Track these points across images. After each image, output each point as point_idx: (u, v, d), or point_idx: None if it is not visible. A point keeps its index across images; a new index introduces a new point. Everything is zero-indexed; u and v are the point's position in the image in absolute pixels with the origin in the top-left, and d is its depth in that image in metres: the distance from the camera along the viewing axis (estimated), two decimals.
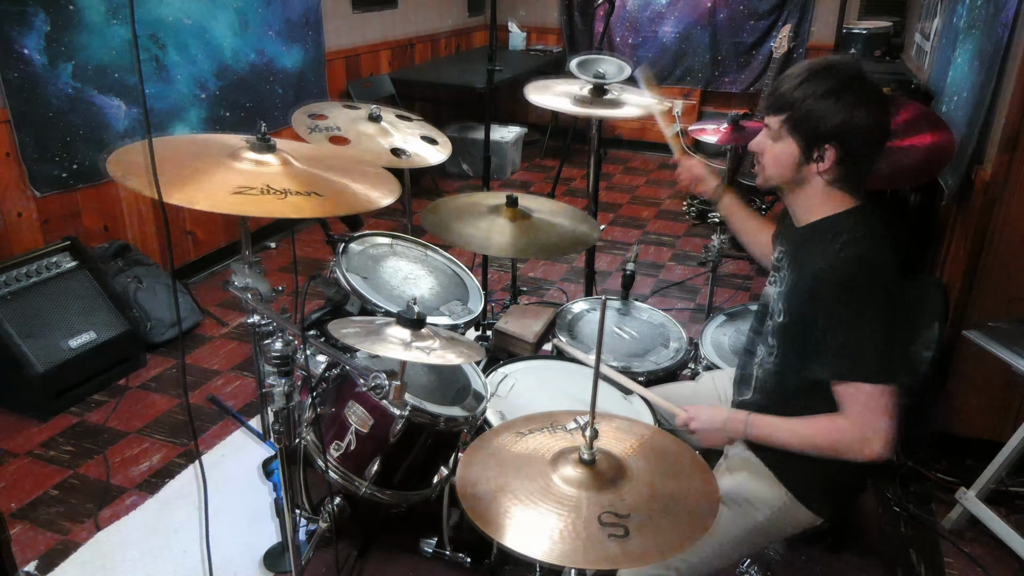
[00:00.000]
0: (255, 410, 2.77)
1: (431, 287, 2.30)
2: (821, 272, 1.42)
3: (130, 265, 3.25)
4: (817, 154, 1.45)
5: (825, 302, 1.41)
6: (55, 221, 3.13)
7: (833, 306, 1.40)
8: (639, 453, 1.28)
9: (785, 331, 1.51)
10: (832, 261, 1.41)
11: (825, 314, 1.41)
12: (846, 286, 1.39)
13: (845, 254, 1.41)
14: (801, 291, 1.46)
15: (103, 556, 2.15)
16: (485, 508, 1.14)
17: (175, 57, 3.53)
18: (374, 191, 1.67)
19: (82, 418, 2.77)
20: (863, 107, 1.41)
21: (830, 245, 1.44)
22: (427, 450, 1.82)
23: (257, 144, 1.63)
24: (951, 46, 3.18)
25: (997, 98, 2.41)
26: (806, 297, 1.45)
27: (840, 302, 1.39)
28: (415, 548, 1.97)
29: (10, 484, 2.43)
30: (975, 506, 2.24)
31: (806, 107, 1.42)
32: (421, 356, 1.53)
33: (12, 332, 2.68)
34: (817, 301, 1.42)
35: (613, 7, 3.35)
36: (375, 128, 2.48)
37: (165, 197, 1.34)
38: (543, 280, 4.04)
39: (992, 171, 2.35)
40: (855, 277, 1.39)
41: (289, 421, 1.61)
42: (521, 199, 2.24)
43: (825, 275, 1.41)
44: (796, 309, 1.48)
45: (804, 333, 1.47)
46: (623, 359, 2.21)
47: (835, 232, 1.46)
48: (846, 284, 1.39)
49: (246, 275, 1.68)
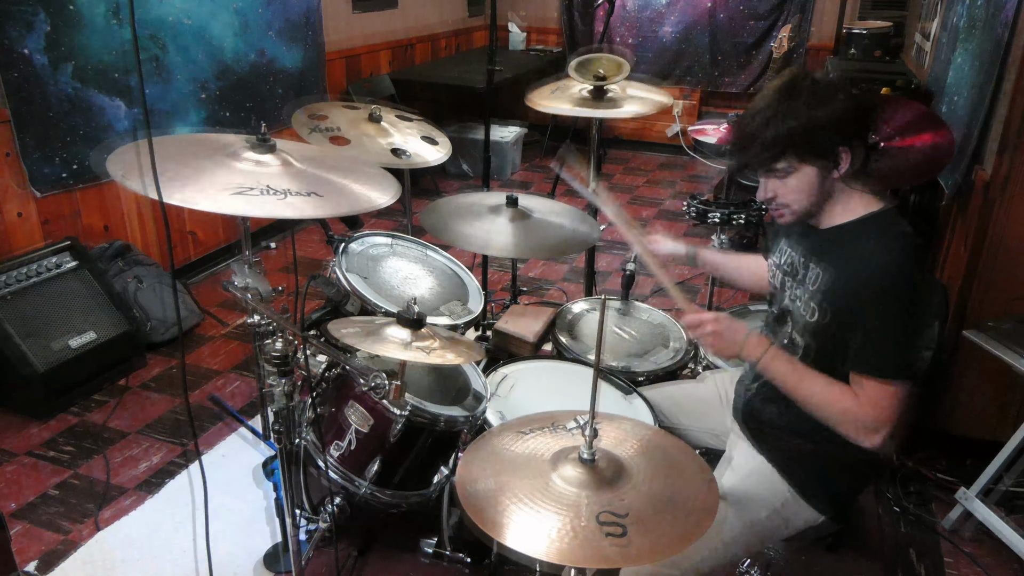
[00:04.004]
0: (255, 410, 2.77)
1: (431, 287, 2.31)
2: (866, 273, 1.44)
3: (130, 265, 3.25)
4: (833, 161, 1.46)
5: (864, 301, 1.43)
6: (55, 221, 3.13)
7: (871, 305, 1.43)
8: (639, 453, 1.28)
9: (823, 330, 1.52)
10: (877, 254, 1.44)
11: (861, 311, 1.44)
12: (888, 289, 1.42)
13: (892, 247, 1.44)
14: (841, 289, 1.47)
15: (103, 556, 2.15)
16: (484, 508, 1.14)
17: (175, 57, 3.53)
18: (374, 191, 1.67)
19: (82, 418, 2.77)
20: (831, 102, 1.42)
21: (871, 241, 1.47)
22: (427, 450, 1.83)
23: (257, 144, 1.63)
24: (951, 46, 3.18)
25: (997, 98, 2.41)
26: (847, 294, 1.46)
27: (879, 303, 1.42)
28: (415, 548, 1.97)
29: (10, 484, 2.43)
30: (975, 506, 2.24)
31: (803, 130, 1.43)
32: (421, 356, 1.53)
33: (12, 332, 2.68)
34: (857, 299, 1.44)
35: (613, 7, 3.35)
36: (375, 128, 2.48)
37: (165, 197, 1.34)
38: (543, 280, 4.04)
39: (992, 171, 2.35)
40: (896, 281, 1.42)
41: (289, 421, 1.61)
42: (521, 199, 2.24)
43: (870, 276, 1.43)
44: (836, 306, 1.49)
45: (840, 329, 1.48)
46: (623, 359, 2.21)
47: (872, 229, 1.49)
48: (889, 287, 1.42)
49: (246, 275, 1.68)
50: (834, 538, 2.21)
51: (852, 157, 1.45)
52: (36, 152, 3.00)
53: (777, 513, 1.60)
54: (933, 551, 2.25)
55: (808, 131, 1.42)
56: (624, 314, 2.48)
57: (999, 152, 2.31)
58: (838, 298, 1.48)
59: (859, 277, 1.44)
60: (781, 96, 1.44)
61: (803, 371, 1.52)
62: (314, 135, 2.34)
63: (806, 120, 1.41)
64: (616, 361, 2.18)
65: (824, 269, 1.52)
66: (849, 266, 1.47)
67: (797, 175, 1.48)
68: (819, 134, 1.42)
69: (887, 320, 1.42)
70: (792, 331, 1.60)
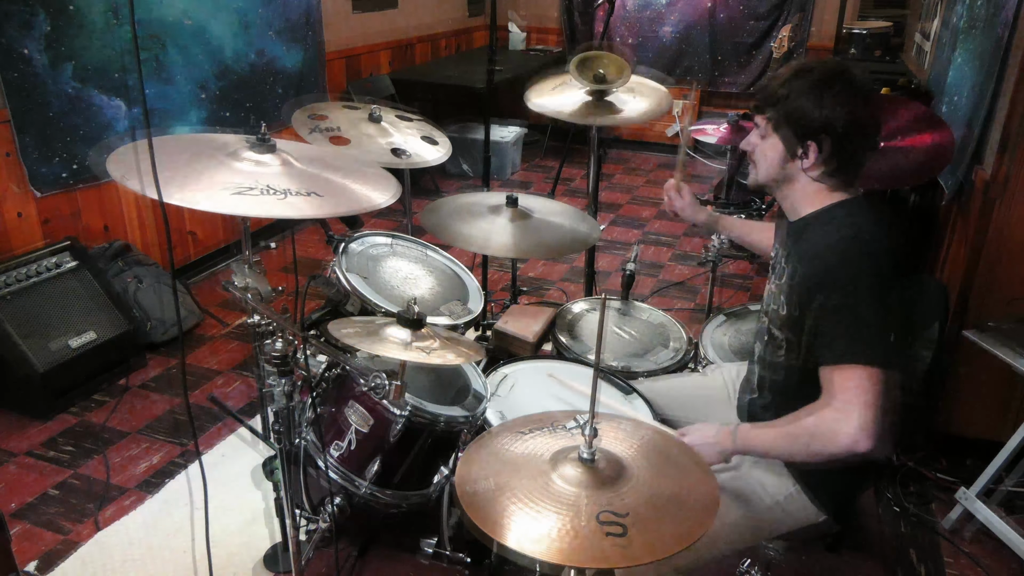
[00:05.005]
0: (255, 410, 2.77)
1: (431, 287, 2.30)
2: (817, 257, 1.44)
3: (130, 265, 3.25)
4: (801, 151, 1.48)
5: (820, 286, 1.42)
6: (55, 221, 3.13)
7: (826, 289, 1.41)
8: (639, 453, 1.28)
9: (793, 323, 1.52)
10: (827, 244, 1.44)
11: (820, 298, 1.42)
12: (838, 266, 1.41)
13: (839, 236, 1.44)
14: (801, 280, 1.48)
15: (103, 556, 2.15)
16: (484, 508, 1.14)
17: (175, 57, 3.53)
18: (374, 191, 1.67)
19: (82, 418, 2.77)
20: (845, 105, 1.43)
21: (824, 232, 1.47)
22: (427, 450, 1.82)
23: (257, 144, 1.63)
24: (951, 46, 3.18)
25: (997, 98, 2.41)
26: (805, 284, 1.46)
27: (832, 284, 1.41)
28: (415, 548, 1.96)
29: (10, 484, 2.43)
30: (975, 506, 2.24)
31: (789, 105, 1.46)
32: (421, 356, 1.53)
33: (12, 332, 2.68)
34: (813, 286, 1.44)
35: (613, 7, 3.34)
36: (375, 128, 2.48)
37: (165, 197, 1.34)
38: (543, 280, 4.04)
39: (992, 171, 2.35)
40: (847, 258, 1.41)
41: (289, 421, 1.61)
42: (521, 199, 2.24)
43: (820, 259, 1.44)
44: (799, 299, 1.48)
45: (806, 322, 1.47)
46: (623, 359, 2.21)
47: (828, 221, 1.49)
48: (838, 265, 1.41)
49: (246, 275, 1.68)
50: (834, 538, 2.21)
51: (821, 160, 1.47)
52: (36, 152, 3.00)
53: (779, 506, 1.60)
54: (933, 551, 2.25)
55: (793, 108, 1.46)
56: (624, 314, 2.48)
57: (999, 152, 2.31)
58: (799, 291, 1.48)
59: (811, 268, 1.45)
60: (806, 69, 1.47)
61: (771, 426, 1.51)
62: (314, 135, 2.34)
63: (797, 96, 1.45)
64: (616, 361, 2.18)
65: (789, 262, 1.54)
66: (805, 259, 1.48)
67: (770, 140, 1.52)
68: (797, 113, 1.46)
69: (839, 307, 1.39)
70: (770, 328, 1.61)
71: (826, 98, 1.43)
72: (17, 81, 2.88)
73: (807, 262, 1.47)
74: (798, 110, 1.45)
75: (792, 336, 1.53)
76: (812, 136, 1.45)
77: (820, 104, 1.43)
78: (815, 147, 1.46)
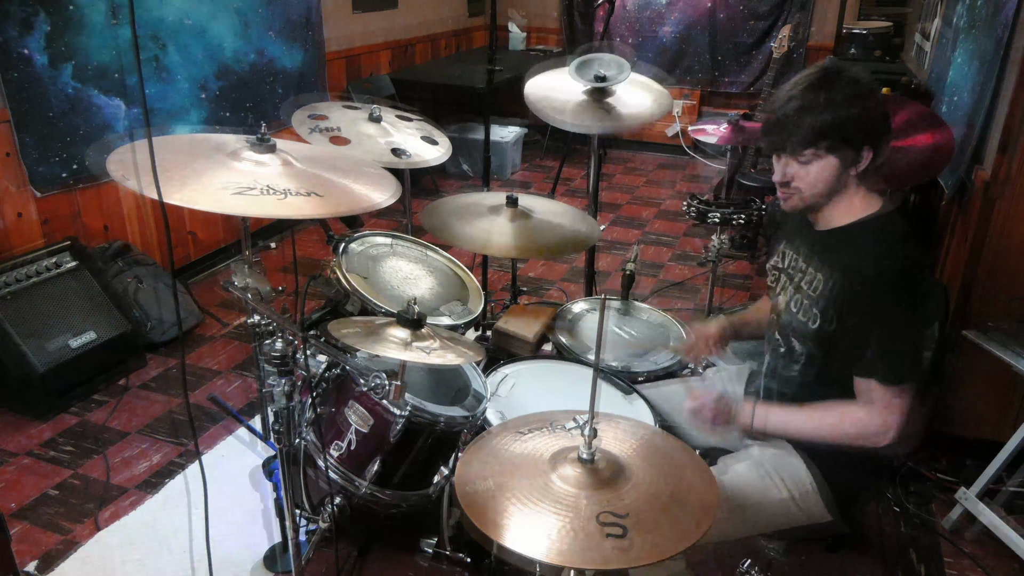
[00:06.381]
0: (255, 410, 2.77)
1: (431, 287, 2.30)
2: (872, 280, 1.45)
3: (130, 265, 3.25)
4: (856, 157, 1.48)
5: (872, 308, 1.45)
6: (55, 221, 3.13)
7: (881, 313, 1.45)
8: (638, 453, 1.28)
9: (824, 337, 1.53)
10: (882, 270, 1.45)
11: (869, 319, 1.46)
12: (898, 296, 1.44)
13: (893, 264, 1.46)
14: (845, 295, 1.48)
15: (103, 556, 2.15)
16: (484, 508, 1.14)
17: (175, 57, 3.53)
18: (374, 191, 1.67)
19: (82, 418, 2.77)
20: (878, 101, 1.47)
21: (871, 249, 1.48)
22: (427, 450, 1.82)
23: (257, 144, 1.63)
24: (951, 46, 3.18)
25: (997, 98, 2.41)
26: (852, 300, 1.47)
27: (889, 310, 1.44)
28: (415, 548, 1.96)
29: (10, 484, 2.43)
30: (975, 506, 2.24)
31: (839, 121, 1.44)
32: (421, 356, 1.53)
33: (12, 332, 2.68)
34: (864, 306, 1.46)
35: (613, 7, 3.35)
36: (375, 128, 2.48)
37: (165, 197, 1.34)
38: (543, 280, 4.04)
39: (992, 171, 2.35)
40: (904, 287, 1.44)
41: (289, 421, 1.61)
42: (521, 199, 2.24)
43: (878, 283, 1.45)
44: (841, 313, 1.49)
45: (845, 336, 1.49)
46: (623, 359, 2.21)
47: (870, 236, 1.51)
48: (898, 294, 1.44)
49: (246, 275, 1.68)
50: (834, 538, 2.21)
51: (873, 156, 1.48)
52: (36, 152, 3.00)
53: (793, 500, 1.61)
54: (933, 551, 2.25)
55: (844, 123, 1.44)
56: (624, 314, 2.48)
57: (999, 152, 2.31)
58: (842, 305, 1.48)
59: (865, 283, 1.45)
60: (820, 85, 1.46)
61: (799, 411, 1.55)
62: (314, 135, 2.34)
63: (845, 113, 1.44)
64: (616, 361, 2.18)
65: (825, 274, 1.52)
66: (852, 271, 1.47)
67: (820, 163, 1.49)
68: (852, 128, 1.45)
69: (897, 327, 1.45)
70: (792, 338, 1.60)
71: (868, 101, 1.45)
72: (17, 81, 2.88)
73: (856, 276, 1.47)
74: (849, 123, 1.44)
75: (817, 350, 1.55)
76: (868, 140, 1.47)
77: (865, 108, 1.45)
78: (869, 149, 1.47)
